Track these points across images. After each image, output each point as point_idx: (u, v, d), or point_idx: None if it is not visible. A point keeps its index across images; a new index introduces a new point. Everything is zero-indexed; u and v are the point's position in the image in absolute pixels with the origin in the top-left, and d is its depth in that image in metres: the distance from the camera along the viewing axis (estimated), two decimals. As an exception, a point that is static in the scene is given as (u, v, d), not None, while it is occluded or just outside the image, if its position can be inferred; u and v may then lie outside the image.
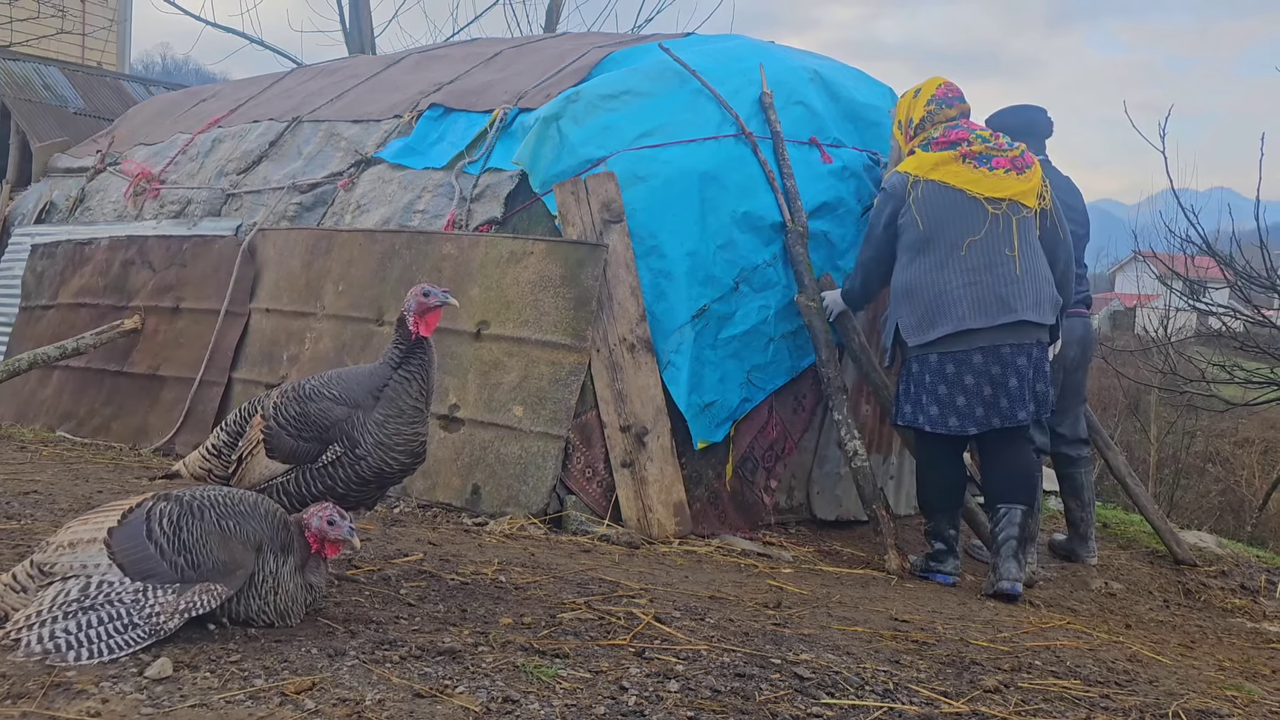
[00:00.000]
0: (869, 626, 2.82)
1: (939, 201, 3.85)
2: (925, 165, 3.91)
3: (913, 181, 3.90)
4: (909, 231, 3.89)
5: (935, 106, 4.05)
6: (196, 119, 6.60)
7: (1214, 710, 2.37)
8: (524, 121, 4.62)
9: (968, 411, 3.80)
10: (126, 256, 5.75)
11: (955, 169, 3.87)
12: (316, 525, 2.19)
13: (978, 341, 3.77)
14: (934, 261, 3.84)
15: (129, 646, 1.89)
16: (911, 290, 3.87)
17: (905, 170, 3.96)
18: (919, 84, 4.16)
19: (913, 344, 3.85)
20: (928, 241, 3.85)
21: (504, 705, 1.84)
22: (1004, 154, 3.91)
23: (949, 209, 3.84)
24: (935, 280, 3.82)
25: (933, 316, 3.81)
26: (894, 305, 3.98)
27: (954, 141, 3.93)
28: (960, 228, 3.82)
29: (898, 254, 3.96)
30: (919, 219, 3.85)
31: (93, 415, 5.41)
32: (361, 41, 12.19)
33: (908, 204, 3.88)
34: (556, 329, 4.07)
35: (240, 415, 2.67)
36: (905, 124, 4.15)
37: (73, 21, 11.38)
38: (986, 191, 3.84)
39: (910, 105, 4.13)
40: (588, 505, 3.98)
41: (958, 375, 3.80)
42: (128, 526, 2.07)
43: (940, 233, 3.84)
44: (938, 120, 4.03)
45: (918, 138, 4.06)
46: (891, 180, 3.99)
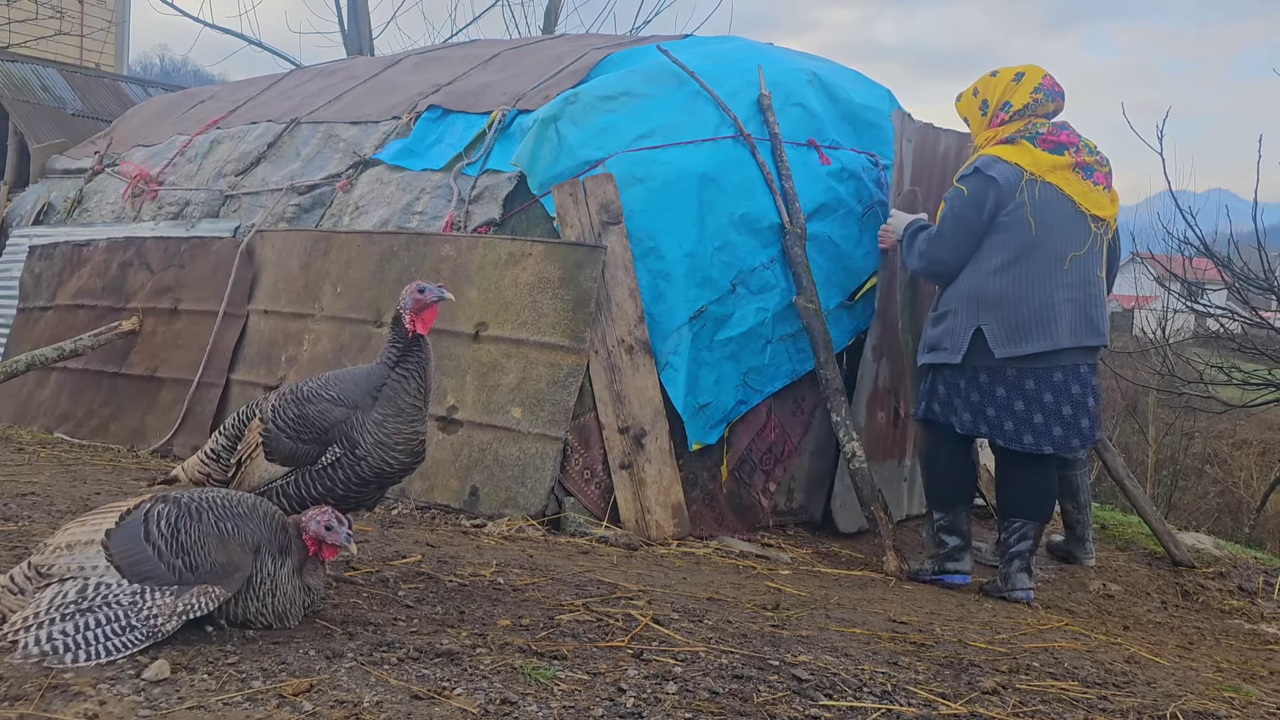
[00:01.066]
0: (867, 628, 2.82)
1: (1051, 208, 3.63)
2: (1042, 165, 3.65)
3: (1028, 179, 3.64)
4: (1012, 231, 3.63)
5: (1042, 96, 3.76)
6: (195, 120, 6.59)
7: (1212, 712, 2.37)
8: (522, 123, 4.62)
9: (1044, 429, 3.65)
10: (124, 258, 5.75)
11: (1069, 176, 3.67)
12: (314, 529, 2.19)
13: (1060, 360, 3.64)
14: (1034, 271, 3.63)
15: (127, 648, 1.89)
16: (1005, 299, 3.64)
17: (1017, 163, 3.66)
18: (1018, 67, 3.84)
19: (1000, 356, 3.64)
20: (1031, 248, 3.63)
21: (502, 707, 1.84)
22: (1102, 169, 3.75)
23: (1059, 218, 3.64)
24: (1036, 292, 3.62)
25: (1028, 330, 3.62)
26: (972, 310, 3.69)
27: (1064, 144, 3.70)
28: (1065, 240, 3.64)
29: (981, 253, 3.70)
30: (1031, 221, 3.61)
31: (91, 417, 5.41)
32: (360, 43, 12.19)
33: (1020, 201, 3.62)
34: (555, 330, 4.08)
35: (238, 419, 2.67)
36: (997, 106, 3.81)
37: (71, 23, 11.38)
38: (1092, 208, 3.68)
39: (1009, 88, 3.79)
40: (586, 507, 3.98)
41: (1037, 392, 3.65)
42: (125, 528, 2.06)
43: (1046, 242, 3.63)
44: (1039, 112, 3.76)
45: (1012, 124, 3.75)
46: (1002, 169, 3.65)
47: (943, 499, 3.96)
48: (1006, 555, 3.83)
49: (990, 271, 3.68)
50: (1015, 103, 3.77)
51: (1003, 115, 3.79)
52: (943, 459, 3.94)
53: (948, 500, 3.93)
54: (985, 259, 3.69)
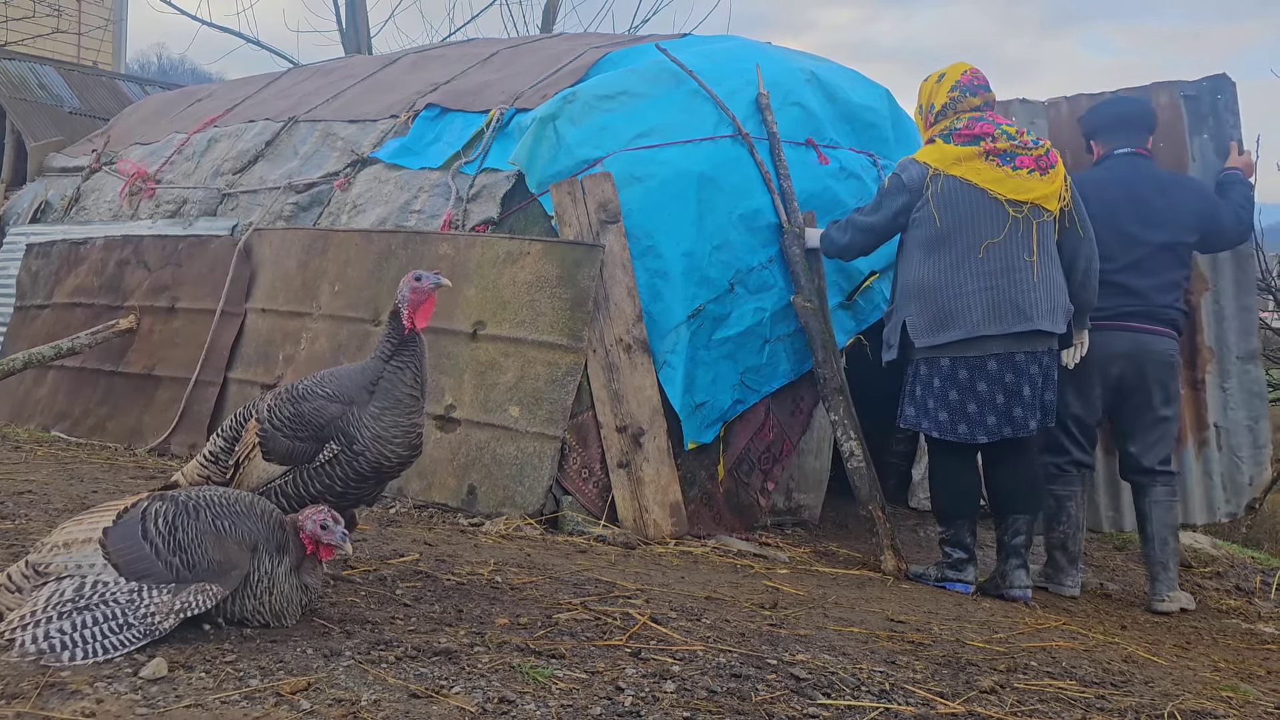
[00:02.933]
0: (865, 627, 2.82)
1: (959, 199, 3.70)
2: (947, 159, 3.74)
3: (932, 175, 3.73)
4: (924, 227, 3.74)
5: (959, 93, 3.84)
6: (192, 119, 6.59)
7: (1209, 711, 2.37)
8: (521, 122, 4.62)
9: (979, 419, 3.70)
10: (122, 256, 5.74)
11: (978, 165, 3.71)
12: (310, 528, 2.18)
13: (992, 348, 3.67)
14: (949, 262, 3.70)
15: (124, 647, 1.89)
16: (923, 290, 3.73)
17: (925, 161, 3.78)
18: (944, 69, 3.95)
19: (920, 345, 3.74)
20: (943, 240, 3.71)
21: (500, 706, 1.84)
22: (1029, 152, 3.73)
23: (969, 208, 3.70)
24: (950, 282, 3.69)
25: (944, 319, 3.69)
26: (902, 302, 3.82)
27: (978, 135, 3.74)
28: (979, 229, 3.68)
29: (907, 248, 3.82)
30: (936, 215, 3.70)
31: (88, 415, 5.40)
32: (358, 41, 12.18)
33: (925, 198, 3.73)
34: (553, 329, 4.07)
35: (235, 421, 2.66)
36: (926, 109, 3.93)
37: (68, 21, 11.37)
38: (1009, 193, 3.68)
39: (933, 90, 3.91)
40: (584, 506, 3.98)
41: (970, 381, 3.70)
42: (123, 526, 2.06)
43: (958, 232, 3.70)
44: (961, 109, 3.83)
45: (938, 125, 3.86)
46: (910, 171, 3.79)
47: (943, 512, 3.96)
48: (1003, 552, 3.85)
49: (911, 266, 3.79)
50: (937, 104, 3.88)
51: (930, 118, 3.91)
52: (943, 473, 3.93)
53: (948, 514, 3.92)
54: (908, 255, 3.81)
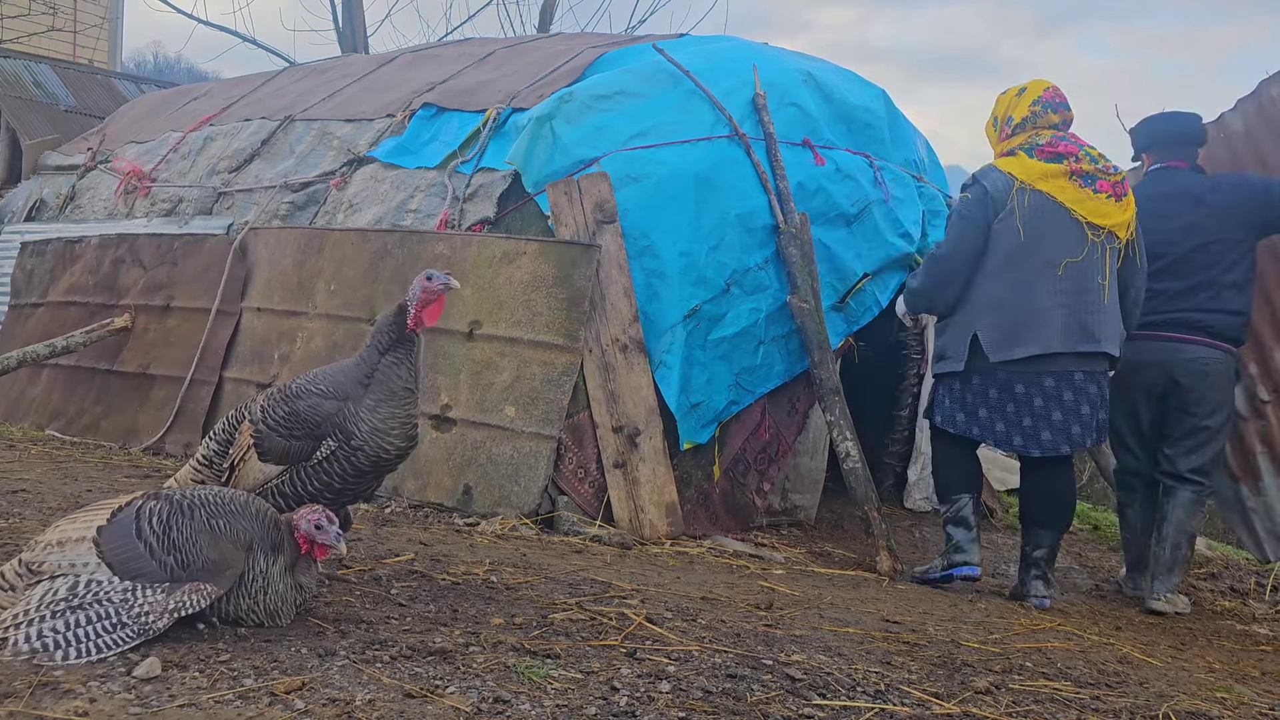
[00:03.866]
0: (860, 628, 2.82)
1: (1043, 215, 3.69)
2: (1033, 173, 3.72)
3: (1019, 187, 3.71)
4: (1004, 239, 3.71)
5: (1040, 108, 3.84)
6: (188, 117, 6.58)
7: (1204, 712, 2.38)
8: (517, 121, 4.61)
9: (1033, 434, 3.72)
10: (117, 255, 5.73)
11: (1063, 184, 3.71)
12: (305, 528, 2.18)
13: (1051, 366, 3.69)
14: (1025, 276, 3.69)
15: (117, 646, 1.88)
16: (999, 303, 3.71)
17: (1009, 172, 3.74)
18: (1024, 83, 3.96)
19: (994, 360, 3.71)
20: (1023, 254, 3.69)
21: (495, 706, 1.84)
22: (1108, 178, 3.75)
23: (1051, 224, 3.69)
24: (1026, 297, 3.69)
25: (1019, 334, 3.68)
26: (969, 314, 3.78)
27: (1062, 154, 3.74)
28: (1059, 246, 3.68)
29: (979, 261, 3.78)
30: (1020, 228, 3.68)
31: (82, 414, 5.39)
32: (354, 40, 12.17)
33: (1010, 209, 3.71)
34: (549, 329, 4.07)
35: (228, 423, 2.64)
36: (1003, 121, 3.93)
37: (64, 19, 11.34)
38: (1090, 215, 3.69)
39: (1012, 103, 3.91)
40: (580, 506, 3.97)
41: (1027, 396, 3.71)
42: (117, 525, 2.05)
43: (1038, 247, 3.68)
44: (1040, 124, 3.84)
45: (1016, 138, 3.86)
46: (994, 179, 3.75)
47: (945, 487, 3.95)
48: (1025, 563, 3.86)
49: (983, 278, 3.75)
50: (1016, 117, 3.87)
51: (1007, 130, 3.90)
52: (945, 454, 3.96)
53: (950, 487, 3.91)
54: (981, 267, 3.76)
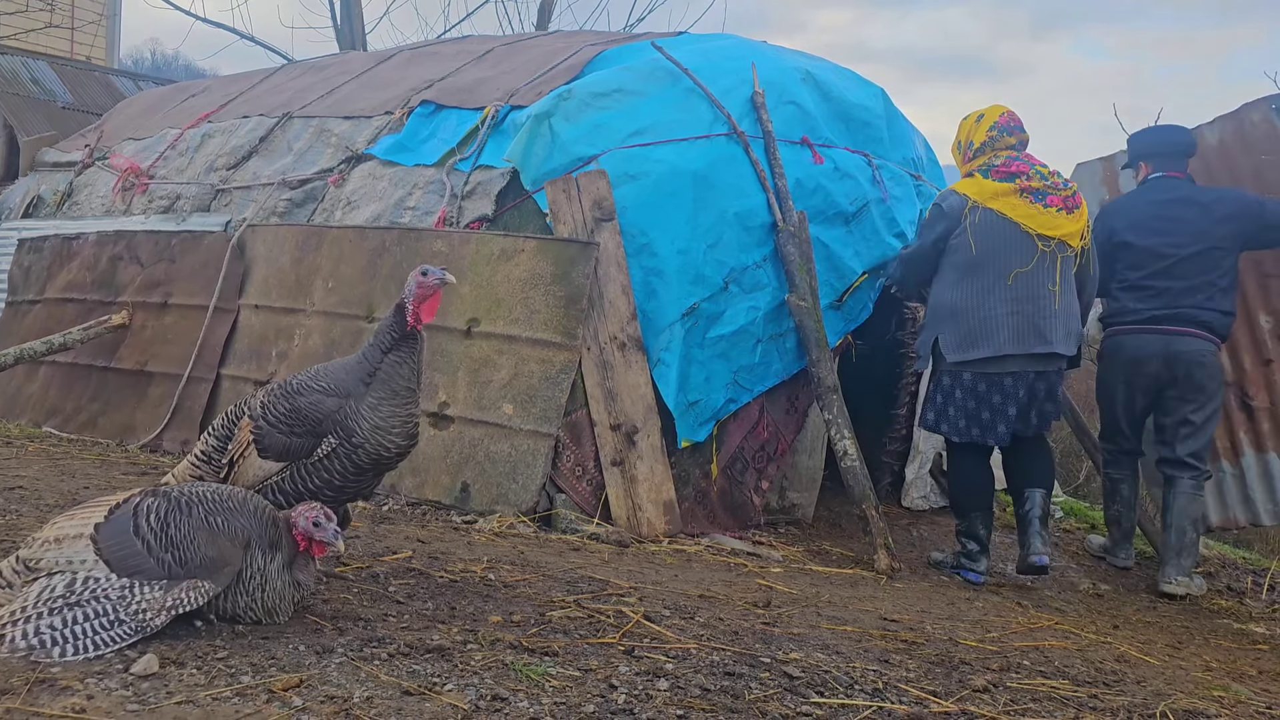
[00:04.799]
0: (858, 626, 2.82)
1: (994, 230, 4.04)
2: (985, 193, 4.08)
3: (971, 206, 4.08)
4: (960, 253, 4.09)
5: (996, 133, 4.20)
6: (186, 114, 6.56)
7: (1201, 710, 2.38)
8: (515, 119, 4.61)
9: (990, 426, 4.08)
10: (114, 252, 5.72)
11: (1013, 201, 4.05)
12: (303, 526, 2.17)
13: (1010, 366, 4.04)
14: (981, 286, 4.05)
15: (115, 643, 1.88)
16: (956, 311, 4.08)
17: (964, 193, 4.12)
18: (982, 109, 4.31)
19: (951, 360, 4.08)
20: (977, 266, 4.05)
21: (493, 703, 1.83)
22: (1059, 193, 4.09)
23: (1002, 239, 4.04)
24: (981, 305, 4.04)
25: (974, 338, 4.04)
26: (934, 321, 4.18)
27: (1014, 174, 4.09)
28: (1010, 258, 4.03)
29: (942, 270, 4.17)
30: (972, 243, 4.05)
31: (79, 411, 5.38)
32: (353, 38, 12.16)
33: (963, 226, 4.07)
34: (547, 327, 4.07)
35: (226, 419, 2.63)
36: (965, 145, 4.30)
37: (61, 16, 11.31)
38: (1039, 228, 4.03)
39: (972, 129, 4.27)
40: (577, 504, 3.97)
41: (987, 394, 4.07)
42: (114, 522, 2.05)
43: (990, 260, 4.04)
44: (998, 147, 4.19)
45: (976, 160, 4.22)
46: (950, 200, 4.14)
47: (958, 506, 4.31)
48: (1021, 524, 4.19)
49: (945, 287, 4.16)
50: (976, 141, 4.26)
51: (969, 153, 4.29)
52: (959, 471, 4.31)
53: (963, 507, 4.26)
54: (943, 277, 4.17)
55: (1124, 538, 4.74)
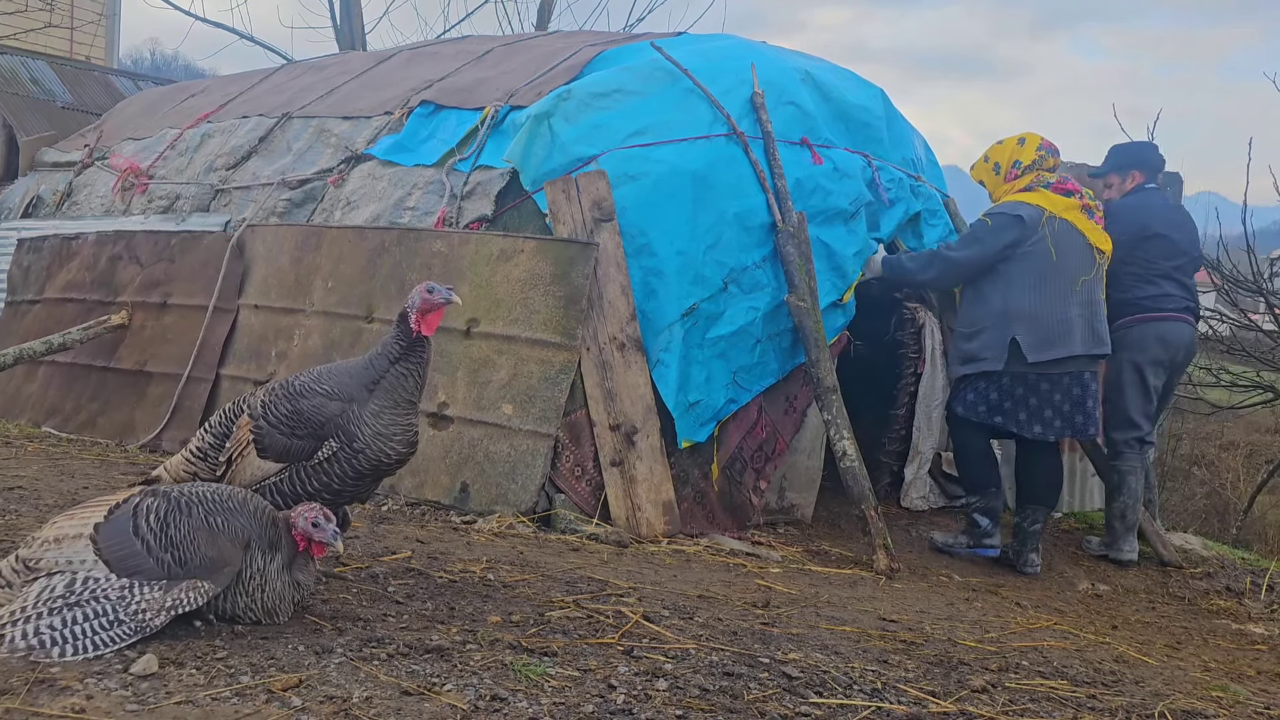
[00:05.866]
0: (857, 626, 2.83)
1: (1068, 240, 4.43)
2: (1058, 206, 4.46)
3: (1048, 217, 4.42)
4: (1036, 259, 4.39)
5: (1044, 153, 4.60)
6: (185, 114, 6.56)
7: (1200, 711, 2.38)
8: (515, 119, 4.61)
9: (1050, 422, 4.42)
10: (114, 251, 5.71)
11: (1077, 215, 4.47)
12: (302, 526, 2.17)
13: (1071, 366, 4.39)
14: (1056, 291, 4.38)
15: (114, 643, 1.88)
16: (1034, 314, 4.38)
17: (1037, 204, 4.44)
18: (1020, 134, 4.70)
19: (1032, 360, 4.35)
20: (1054, 272, 4.39)
21: (492, 703, 1.84)
22: (1099, 211, 4.58)
23: (1074, 248, 4.44)
24: (1059, 308, 4.38)
25: (1053, 340, 4.36)
26: (1004, 323, 4.39)
27: (1070, 191, 4.51)
28: (1078, 266, 4.43)
29: (1008, 276, 4.43)
30: (1053, 250, 4.40)
31: (79, 411, 5.38)
32: (352, 38, 12.16)
33: (1042, 234, 4.40)
34: (546, 327, 4.07)
35: (225, 416, 2.63)
36: (1009, 165, 4.63)
37: (61, 15, 11.29)
38: (1096, 241, 4.49)
39: (1016, 150, 4.64)
40: (576, 504, 3.97)
41: (1050, 392, 4.42)
42: (114, 522, 2.05)
43: (1064, 267, 4.40)
44: (1045, 166, 4.59)
45: (1025, 178, 4.57)
46: (1027, 210, 4.42)
47: (977, 483, 4.59)
48: (1020, 536, 4.58)
49: (1020, 292, 4.41)
50: (1024, 160, 4.61)
51: (1015, 172, 4.61)
52: (972, 450, 4.60)
53: (982, 483, 4.56)
54: (1015, 282, 4.42)
55: (1128, 531, 4.86)
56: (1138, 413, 4.82)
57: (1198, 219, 5.43)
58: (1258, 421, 14.37)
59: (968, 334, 4.52)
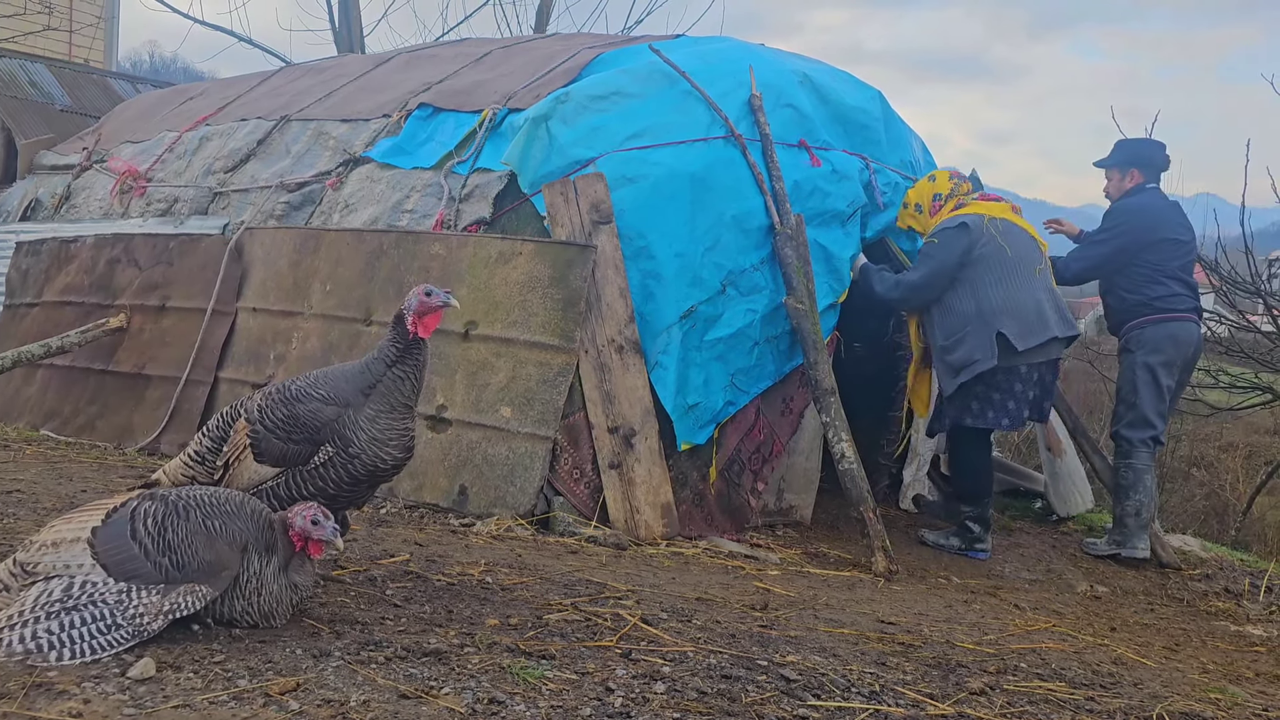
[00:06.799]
0: (855, 628, 2.83)
1: (1015, 234, 4.60)
2: (993, 210, 4.63)
3: (989, 218, 4.57)
4: (992, 258, 4.50)
5: (956, 181, 4.80)
6: (184, 117, 6.57)
7: (1198, 713, 2.38)
8: (513, 122, 4.61)
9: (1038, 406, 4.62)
10: (112, 254, 5.71)
11: (1013, 215, 4.66)
12: (300, 525, 2.17)
13: (1052, 351, 4.53)
14: (1021, 281, 4.51)
15: (112, 647, 1.88)
16: (1010, 306, 4.46)
17: (974, 213, 4.58)
18: (930, 173, 4.95)
19: (1022, 348, 4.42)
20: (1013, 265, 4.51)
21: (490, 706, 1.84)
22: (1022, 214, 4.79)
23: (1021, 240, 4.60)
24: (1029, 295, 4.50)
25: (1034, 325, 4.46)
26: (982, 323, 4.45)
27: (995, 199, 4.73)
28: (1030, 257, 4.59)
29: (971, 281, 4.51)
30: (1005, 245, 4.52)
31: (77, 414, 5.38)
32: (350, 41, 12.16)
33: (989, 235, 4.53)
34: (545, 330, 4.07)
35: (222, 420, 2.63)
36: (930, 201, 4.79)
37: (59, 18, 11.29)
38: (1036, 236, 4.73)
39: (931, 187, 4.82)
40: (575, 506, 3.97)
41: (1040, 380, 4.56)
42: (112, 526, 2.05)
43: (1020, 257, 4.54)
44: (962, 191, 4.77)
45: (949, 204, 4.73)
46: (969, 218, 4.55)
47: (974, 494, 4.70)
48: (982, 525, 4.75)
49: (986, 289, 4.49)
50: (942, 191, 4.80)
51: (937, 205, 4.79)
52: (974, 461, 4.69)
53: (979, 493, 4.69)
54: (980, 283, 4.50)
55: (1141, 528, 4.88)
56: (1152, 412, 4.85)
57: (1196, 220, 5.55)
58: (1256, 423, 14.37)
59: (950, 345, 4.56)
